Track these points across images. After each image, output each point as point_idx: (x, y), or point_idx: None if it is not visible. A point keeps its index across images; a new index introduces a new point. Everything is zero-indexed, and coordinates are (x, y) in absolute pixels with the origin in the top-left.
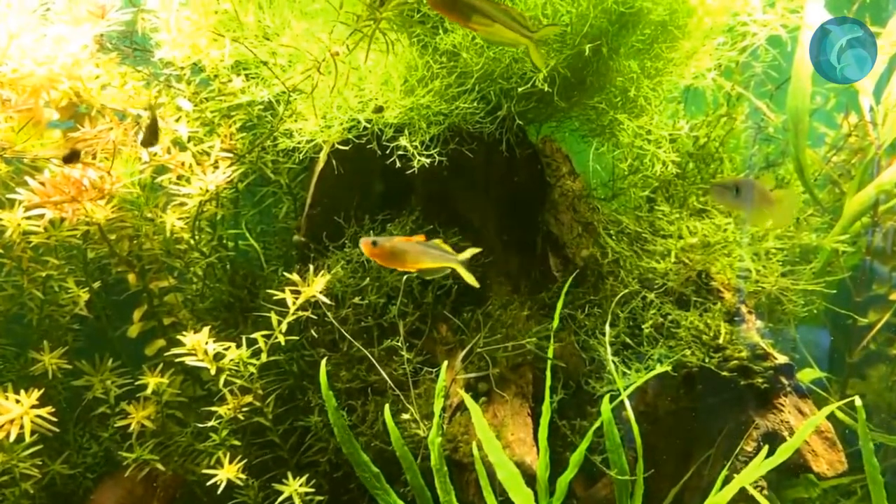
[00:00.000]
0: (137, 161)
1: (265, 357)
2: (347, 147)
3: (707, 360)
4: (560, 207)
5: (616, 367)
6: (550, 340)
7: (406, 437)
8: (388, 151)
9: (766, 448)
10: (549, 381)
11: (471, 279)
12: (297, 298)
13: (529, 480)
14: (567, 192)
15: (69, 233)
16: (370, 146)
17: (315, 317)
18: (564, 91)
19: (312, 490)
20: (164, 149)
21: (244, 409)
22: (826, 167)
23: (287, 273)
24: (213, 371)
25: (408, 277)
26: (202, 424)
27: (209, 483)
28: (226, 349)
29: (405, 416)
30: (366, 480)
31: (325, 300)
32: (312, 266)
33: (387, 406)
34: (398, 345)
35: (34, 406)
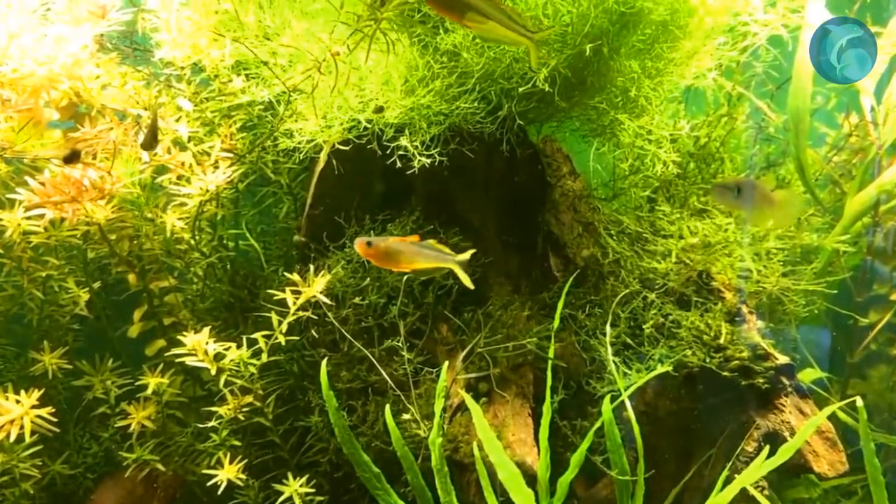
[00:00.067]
0: (138, 161)
1: (266, 357)
2: (348, 147)
3: (708, 361)
4: (561, 207)
5: (617, 368)
6: (551, 340)
7: (407, 438)
8: (389, 151)
9: (767, 448)
10: (550, 382)
11: (467, 280)
12: (298, 298)
13: (530, 481)
14: (568, 192)
15: (69, 233)
16: (371, 146)
17: (315, 317)
18: (565, 91)
19: (313, 490)
20: (165, 149)
21: (244, 410)
22: (827, 167)
23: (287, 273)
24: (214, 371)
25: (408, 277)
26: (202, 425)
27: (209, 483)
28: (226, 349)
29: (406, 417)
30: (366, 481)
31: (326, 300)
32: (313, 266)
33: (387, 406)
34: (399, 345)
35: (34, 406)
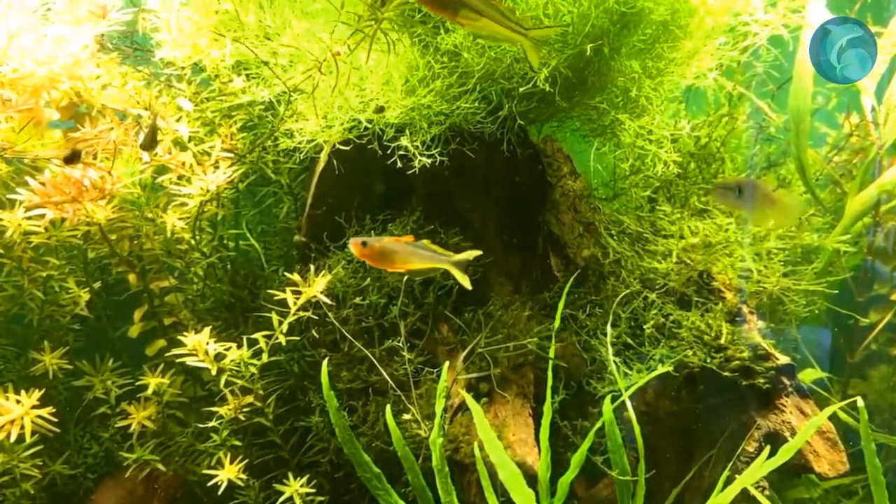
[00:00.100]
0: (138, 161)
1: (266, 357)
2: (348, 147)
3: (708, 361)
4: (561, 207)
5: (617, 368)
6: (552, 340)
7: (407, 438)
8: (389, 151)
9: (768, 448)
10: (551, 382)
11: (463, 280)
12: (298, 299)
13: (531, 481)
14: (568, 192)
15: (70, 233)
16: (371, 146)
17: (316, 317)
18: (566, 91)
19: (313, 490)
20: (165, 149)
21: (245, 410)
22: (827, 167)
23: (288, 273)
24: (214, 371)
25: (409, 277)
26: (203, 425)
27: (210, 483)
28: (227, 349)
29: (406, 417)
30: (367, 481)
31: (326, 300)
32: (313, 266)
33: (388, 406)
34: (399, 345)
35: (35, 406)
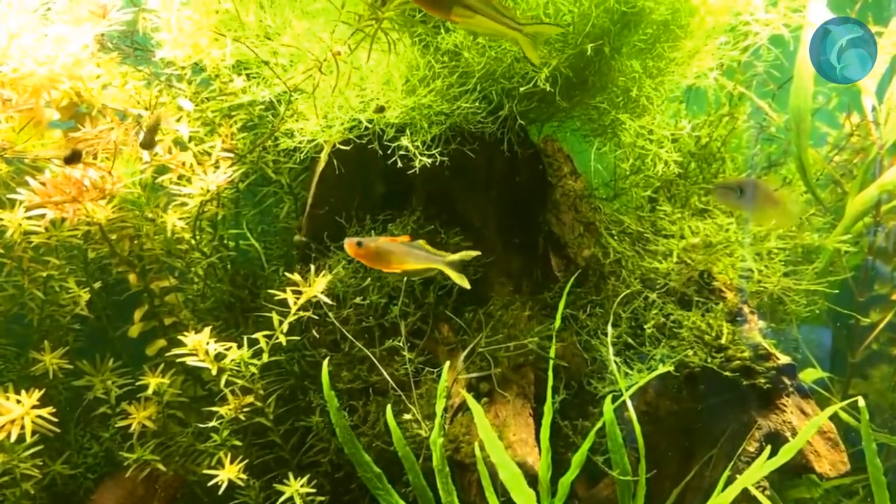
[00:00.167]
0: (138, 161)
1: (266, 357)
2: (349, 147)
3: (709, 361)
4: (562, 207)
5: (618, 368)
6: (552, 340)
7: (408, 438)
8: (390, 151)
9: (769, 448)
10: (551, 382)
11: (459, 280)
12: (299, 298)
13: (531, 481)
14: (569, 192)
15: (70, 233)
16: (371, 146)
17: (316, 317)
18: (566, 91)
19: (314, 490)
20: (166, 149)
21: (245, 410)
22: (828, 167)
23: (288, 273)
24: (215, 371)
25: (409, 278)
26: (203, 425)
27: (210, 483)
28: (227, 349)
29: (407, 417)
30: (367, 481)
31: (327, 300)
32: (314, 266)
33: (388, 406)
34: (400, 345)
35: (35, 406)
